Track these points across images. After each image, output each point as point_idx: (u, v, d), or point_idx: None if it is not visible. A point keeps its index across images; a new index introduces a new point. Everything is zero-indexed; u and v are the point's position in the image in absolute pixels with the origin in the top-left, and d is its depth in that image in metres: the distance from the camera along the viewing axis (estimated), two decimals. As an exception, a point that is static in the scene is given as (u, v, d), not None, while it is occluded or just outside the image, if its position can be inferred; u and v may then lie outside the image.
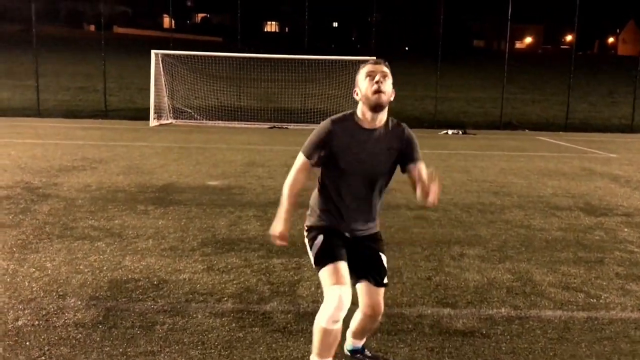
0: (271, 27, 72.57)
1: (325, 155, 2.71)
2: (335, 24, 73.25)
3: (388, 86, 2.66)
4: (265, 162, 10.26)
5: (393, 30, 52.64)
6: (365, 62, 2.79)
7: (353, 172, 2.69)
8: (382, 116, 2.70)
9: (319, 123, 2.70)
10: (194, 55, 18.59)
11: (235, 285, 4.19)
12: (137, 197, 7.05)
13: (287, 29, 69.55)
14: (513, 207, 7.11)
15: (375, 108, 2.64)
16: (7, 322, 3.50)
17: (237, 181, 8.34)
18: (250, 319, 3.61)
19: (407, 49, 51.80)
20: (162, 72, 18.20)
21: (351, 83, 18.33)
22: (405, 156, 2.75)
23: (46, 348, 3.18)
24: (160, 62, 18.17)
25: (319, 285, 4.17)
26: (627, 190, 8.52)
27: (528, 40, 67.92)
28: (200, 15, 71.00)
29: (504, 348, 3.32)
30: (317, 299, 3.94)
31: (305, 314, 3.70)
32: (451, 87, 26.14)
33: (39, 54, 19.83)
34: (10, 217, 5.97)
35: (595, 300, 4.09)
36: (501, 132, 18.58)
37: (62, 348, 3.18)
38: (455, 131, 17.76)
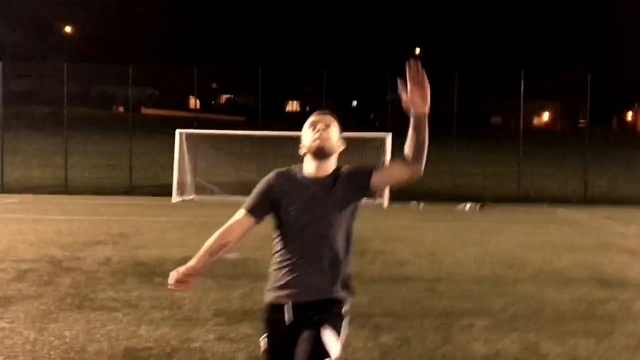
0: (292, 106, 74.75)
1: (268, 206, 2.58)
2: (354, 103, 75.23)
3: (331, 134, 2.54)
4: (282, 236, 10.45)
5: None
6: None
7: (298, 225, 2.50)
8: (327, 166, 2.55)
9: None
10: (216, 134, 19.27)
11: (244, 354, 4.30)
12: (155, 270, 7.26)
13: (307, 107, 71.59)
14: (526, 279, 7.15)
15: (317, 154, 2.51)
16: (26, 387, 3.66)
17: (252, 254, 8.51)
18: (258, 386, 3.71)
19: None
20: (186, 150, 18.84)
21: (366, 158, 18.82)
22: (358, 185, 2.53)
23: (61, 412, 3.31)
24: (185, 140, 18.85)
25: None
26: (644, 263, 8.50)
27: (546, 116, 68.76)
28: (225, 96, 73.66)
29: (506, 416, 3.37)
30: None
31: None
32: (469, 162, 26.44)
33: (69, 134, 20.75)
34: (34, 289, 6.20)
35: (601, 370, 4.12)
36: (520, 205, 18.60)
37: (75, 412, 3.32)
38: (472, 204, 17.84)
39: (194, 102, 43.80)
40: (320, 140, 2.51)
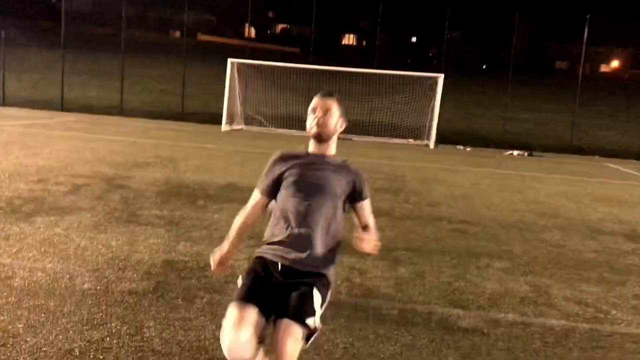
0: (349, 39, 73.53)
1: (275, 181, 2.74)
2: (413, 39, 73.32)
3: (329, 120, 2.73)
4: (322, 170, 10.76)
5: (471, 48, 52.23)
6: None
7: (298, 192, 2.66)
8: (329, 149, 2.78)
9: (384, 137, 2.77)
10: (267, 66, 19.44)
11: (270, 273, 4.68)
12: (198, 194, 7.72)
13: (364, 42, 70.26)
14: (554, 228, 7.26)
15: (315, 138, 2.75)
16: (75, 285, 4.16)
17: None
18: (277, 301, 4.10)
19: (484, 67, 51.28)
20: (237, 80, 19.15)
21: (416, 97, 18.67)
22: (355, 192, 2.76)
23: (104, 307, 3.79)
24: (236, 70, 19.13)
25: (345, 280, 4.62)
26: (681, 221, 8.42)
27: (615, 64, 65.45)
28: (281, 26, 73.07)
29: (499, 345, 3.65)
30: (340, 291, 4.38)
31: (329, 303, 4.13)
32: (524, 108, 25.83)
33: (126, 57, 21.35)
34: (87, 202, 6.75)
35: (603, 315, 4.31)
36: (570, 156, 18.27)
37: (116, 308, 3.78)
38: (520, 152, 17.66)
39: (248, 31, 43.65)
40: (317, 127, 2.72)
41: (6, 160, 9.17)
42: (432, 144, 17.86)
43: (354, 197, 2.76)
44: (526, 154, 17.54)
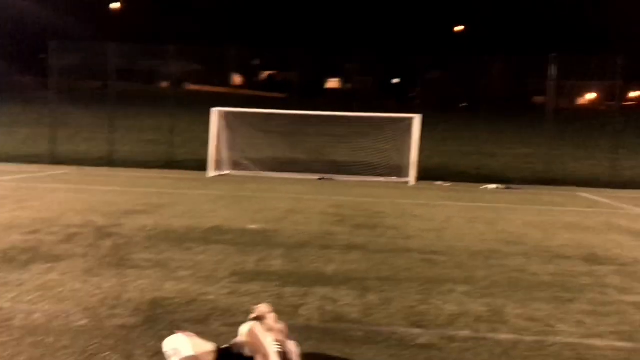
0: (333, 83, 75.10)
1: None
2: (395, 80, 75.03)
3: None
4: (304, 210, 11.28)
5: (451, 87, 53.64)
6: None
7: None
8: None
9: (366, 176, 3.23)
10: (250, 113, 20.15)
11: (249, 305, 5.13)
12: (185, 237, 8.19)
13: (348, 85, 71.87)
14: (518, 254, 7.77)
15: None
16: (70, 322, 4.60)
17: (274, 225, 9.38)
18: (254, 329, 4.55)
19: (464, 105, 52.49)
20: (223, 127, 19.81)
21: (396, 137, 19.33)
22: None
23: (97, 340, 4.23)
24: (223, 117, 19.82)
25: (317, 308, 5.10)
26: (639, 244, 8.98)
27: (589, 97, 67.24)
28: (267, 73, 74.59)
29: (452, 357, 4.12)
30: (312, 318, 4.85)
31: (299, 328, 4.60)
32: (501, 143, 26.67)
33: (115, 109, 22.02)
34: (79, 249, 7.20)
35: (548, 328, 4.80)
36: (544, 187, 18.91)
37: (108, 340, 4.23)
38: (497, 186, 18.29)
39: (236, 79, 44.69)
40: None
41: (1, 213, 9.62)
42: (412, 181, 18.48)
43: None
44: (502, 187, 18.18)
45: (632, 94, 60.45)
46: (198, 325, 4.59)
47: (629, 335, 4.76)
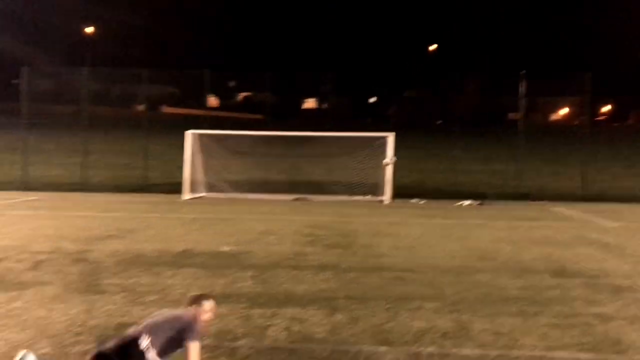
0: (309, 103, 75.56)
1: None
2: (371, 100, 75.73)
3: None
4: (279, 230, 11.27)
5: (425, 105, 54.36)
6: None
7: None
8: None
9: (342, 195, 3.26)
10: (224, 135, 20.16)
11: (215, 328, 5.11)
12: (155, 261, 8.13)
13: (323, 105, 72.38)
14: (488, 270, 7.85)
15: None
16: (34, 350, 4.52)
17: (247, 247, 9.36)
18: (220, 352, 4.54)
19: (439, 122, 53.19)
20: (197, 150, 19.76)
21: (371, 155, 19.43)
22: None
23: (59, 368, 4.18)
24: (198, 140, 19.78)
25: (285, 329, 5.10)
26: (608, 256, 9.12)
27: (562, 112, 68.61)
28: (242, 95, 74.76)
29: (415, 374, 4.14)
30: (279, 338, 4.84)
31: (265, 350, 4.60)
32: (475, 159, 26.98)
33: (90, 133, 21.85)
34: (47, 276, 7.11)
35: (512, 342, 4.86)
36: (518, 202, 19.13)
37: (71, 368, 4.18)
38: (471, 202, 18.48)
39: (211, 101, 44.68)
40: None
41: (-32, 242, 9.46)
42: (387, 199, 18.58)
43: None
44: (477, 203, 18.36)
45: (604, 109, 61.90)
46: (163, 350, 4.55)
47: (592, 346, 4.84)
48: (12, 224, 11.67)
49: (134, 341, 3.69)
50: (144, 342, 3.68)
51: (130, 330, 3.94)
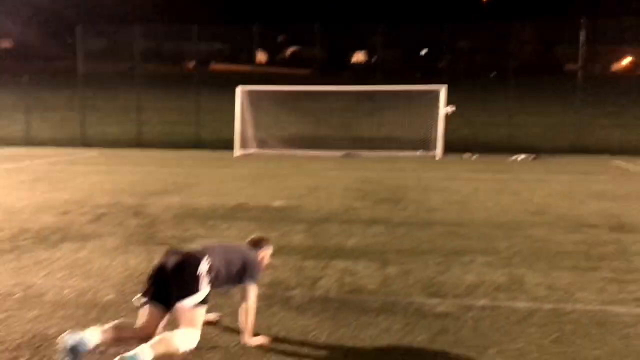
0: (358, 57, 74.48)
1: None
2: (422, 52, 73.93)
3: None
4: (328, 186, 11.34)
5: (478, 57, 52.70)
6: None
7: None
8: None
9: (391, 150, 3.21)
10: (275, 90, 20.18)
11: (269, 278, 5.24)
12: (210, 215, 8.34)
13: (374, 58, 71.22)
14: (542, 224, 7.71)
15: None
16: (98, 297, 4.77)
17: (297, 202, 9.47)
18: (274, 300, 4.66)
19: (493, 74, 51.59)
20: (247, 106, 19.91)
21: (422, 110, 19.11)
22: None
23: (123, 314, 4.39)
24: (247, 96, 19.90)
25: (336, 280, 5.18)
26: (671, 211, 8.79)
27: (623, 62, 65.33)
28: (291, 49, 74.30)
29: (468, 325, 4.15)
30: (331, 289, 4.93)
31: (318, 299, 4.69)
32: (530, 112, 26.15)
33: (142, 91, 22.29)
34: (108, 228, 7.41)
35: (568, 296, 4.79)
36: (576, 156, 18.57)
37: (134, 314, 4.36)
38: (525, 156, 18.04)
39: (260, 57, 44.65)
40: None
41: (34, 195, 9.93)
42: (438, 154, 18.34)
43: None
44: (531, 157, 17.91)
45: (669, 58, 58.47)
46: (219, 298, 4.70)
47: (651, 301, 4.72)
48: (74, 179, 12.16)
49: (193, 262, 3.60)
50: (203, 267, 3.59)
51: (192, 249, 3.95)
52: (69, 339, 3.33)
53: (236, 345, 3.82)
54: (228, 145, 20.27)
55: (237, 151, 18.97)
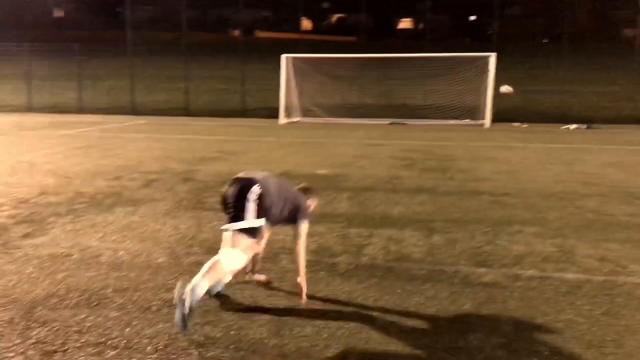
0: (405, 23, 73.01)
1: None
2: (471, 18, 71.89)
3: None
4: (373, 155, 11.30)
5: (529, 23, 50.92)
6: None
7: None
8: None
9: (438, 119, 3.21)
10: (319, 58, 20.05)
11: (315, 245, 5.30)
12: (256, 181, 8.43)
13: (419, 25, 69.69)
14: (595, 195, 7.51)
15: None
16: (151, 259, 4.93)
17: (342, 170, 9.49)
18: (320, 266, 4.72)
19: (545, 41, 49.79)
20: (293, 73, 19.88)
21: (470, 77, 18.70)
22: None
23: (175, 275, 4.53)
24: (291, 64, 19.86)
25: (382, 248, 5.20)
26: None
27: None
28: (336, 16, 73.39)
29: (515, 295, 4.12)
30: (377, 257, 4.96)
31: (363, 266, 4.73)
32: (583, 80, 25.24)
33: (189, 60, 22.53)
34: (158, 193, 7.61)
35: (620, 268, 4.68)
36: (630, 126, 17.91)
37: (185, 275, 4.50)
38: (577, 126, 17.49)
39: (305, 24, 44.36)
40: None
41: (88, 162, 10.26)
42: (487, 123, 17.98)
43: None
44: (584, 127, 17.36)
45: None
46: (267, 263, 4.80)
47: None
48: (124, 146, 12.49)
49: (245, 189, 3.72)
50: (253, 194, 3.69)
51: (249, 175, 3.88)
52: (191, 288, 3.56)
53: (284, 309, 3.90)
54: (273, 113, 20.37)
55: (282, 119, 19.05)
